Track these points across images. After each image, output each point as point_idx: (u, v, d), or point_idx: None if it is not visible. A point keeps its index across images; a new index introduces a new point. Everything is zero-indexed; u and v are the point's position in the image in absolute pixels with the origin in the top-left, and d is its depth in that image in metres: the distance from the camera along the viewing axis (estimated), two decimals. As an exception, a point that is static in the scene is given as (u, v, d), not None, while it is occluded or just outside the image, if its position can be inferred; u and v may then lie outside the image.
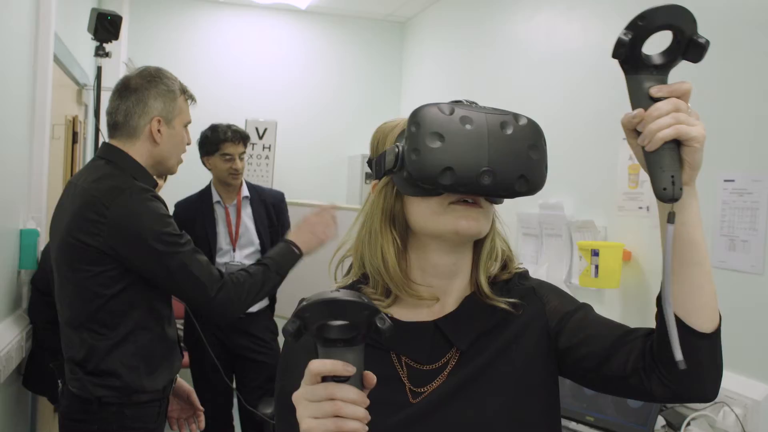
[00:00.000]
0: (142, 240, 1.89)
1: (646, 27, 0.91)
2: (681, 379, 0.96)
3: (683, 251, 0.95)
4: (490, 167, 0.97)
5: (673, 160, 0.91)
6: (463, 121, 0.99)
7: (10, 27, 2.34)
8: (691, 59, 0.92)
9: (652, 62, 0.92)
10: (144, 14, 5.30)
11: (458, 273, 1.10)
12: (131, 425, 1.96)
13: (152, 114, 2.02)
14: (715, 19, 2.46)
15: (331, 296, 0.80)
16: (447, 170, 0.97)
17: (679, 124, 0.90)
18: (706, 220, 2.38)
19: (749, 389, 2.18)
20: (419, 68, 5.55)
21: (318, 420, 0.81)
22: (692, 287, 0.95)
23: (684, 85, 0.92)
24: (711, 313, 0.95)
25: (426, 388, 1.05)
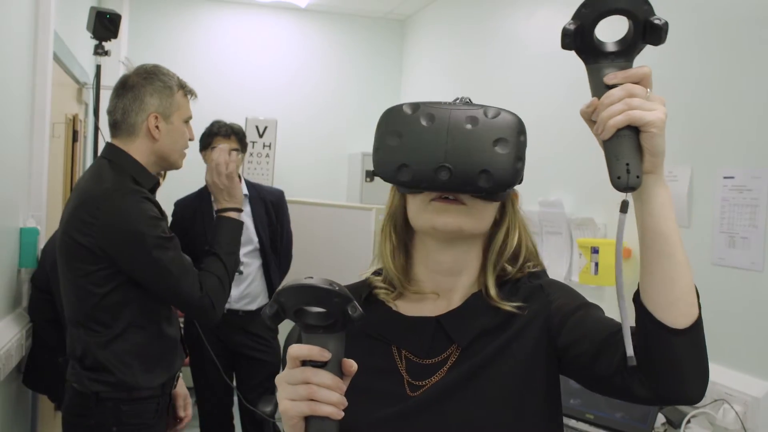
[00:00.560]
0: (131, 241, 1.93)
1: (591, 14, 0.88)
2: (660, 379, 0.92)
3: (652, 243, 0.91)
4: (447, 163, 0.97)
5: (628, 148, 0.87)
6: (424, 118, 0.99)
7: (10, 25, 2.34)
8: (651, 42, 0.88)
9: (607, 49, 0.90)
10: (143, 12, 5.30)
11: (463, 270, 1.11)
12: (128, 421, 1.99)
13: (149, 111, 2.04)
14: (716, 16, 2.45)
15: (304, 282, 0.83)
16: (403, 167, 0.99)
17: (631, 110, 0.86)
18: (706, 217, 2.39)
19: (749, 386, 2.18)
20: (419, 66, 5.55)
21: (294, 402, 0.84)
22: (663, 281, 0.91)
23: (640, 69, 0.89)
24: (685, 308, 0.91)
25: (425, 382, 1.05)
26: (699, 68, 2.52)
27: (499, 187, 0.98)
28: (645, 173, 0.89)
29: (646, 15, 0.87)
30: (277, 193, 3.63)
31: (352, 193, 5.55)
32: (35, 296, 2.54)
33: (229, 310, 3.36)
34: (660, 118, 0.87)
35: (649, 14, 0.87)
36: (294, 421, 0.85)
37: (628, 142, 0.87)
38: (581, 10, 0.88)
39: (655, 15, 0.87)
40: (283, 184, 4.91)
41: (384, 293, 1.14)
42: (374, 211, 4.04)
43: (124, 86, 2.06)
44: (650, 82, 0.89)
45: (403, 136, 1.00)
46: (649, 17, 0.87)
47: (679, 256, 0.90)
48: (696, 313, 0.92)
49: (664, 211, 0.90)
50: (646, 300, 0.92)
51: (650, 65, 3.00)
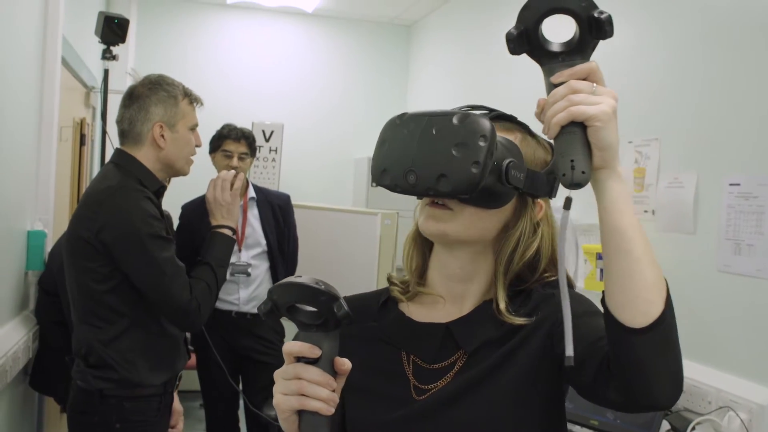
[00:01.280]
0: (129, 236, 1.97)
1: (532, 16, 0.88)
2: (626, 383, 0.89)
3: (608, 239, 0.89)
4: (414, 167, 0.98)
5: (573, 144, 0.85)
6: (406, 126, 1.02)
7: (19, 29, 2.36)
8: (600, 37, 0.87)
9: (556, 50, 0.89)
10: (151, 17, 5.33)
11: (473, 277, 1.11)
12: (131, 418, 2.02)
13: (154, 120, 2.11)
14: (720, 22, 2.46)
15: (292, 280, 0.86)
16: (384, 171, 1.03)
17: (573, 105, 0.85)
18: (712, 224, 2.39)
19: (755, 394, 2.17)
20: (425, 71, 5.55)
21: (285, 396, 0.87)
22: (620, 278, 0.87)
23: (586, 65, 0.88)
24: (644, 306, 0.86)
25: (431, 386, 1.06)
26: (704, 75, 2.52)
27: (458, 192, 0.97)
28: (596, 168, 0.87)
29: (587, 11, 0.85)
30: (284, 197, 3.64)
31: (357, 198, 5.56)
32: (42, 299, 2.55)
33: (238, 312, 3.37)
34: (603, 110, 0.84)
35: (590, 10, 0.86)
36: (286, 415, 0.88)
37: (573, 138, 0.85)
38: (522, 13, 0.89)
39: (596, 9, 0.85)
40: (289, 188, 4.92)
41: (398, 291, 1.16)
42: (380, 215, 4.04)
43: (131, 97, 2.13)
44: (599, 77, 0.88)
45: (387, 142, 1.04)
46: (591, 13, 0.85)
47: (637, 252, 0.87)
48: (657, 311, 0.86)
49: (618, 205, 0.88)
50: (607, 299, 0.89)
51: (657, 73, 3.01)
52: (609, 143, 0.85)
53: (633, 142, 2.85)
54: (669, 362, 0.88)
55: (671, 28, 2.72)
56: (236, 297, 3.37)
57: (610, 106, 0.85)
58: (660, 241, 2.67)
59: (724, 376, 2.31)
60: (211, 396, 3.45)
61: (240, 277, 3.36)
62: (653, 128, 2.76)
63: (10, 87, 2.24)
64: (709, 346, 2.41)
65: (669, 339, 0.88)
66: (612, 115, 0.85)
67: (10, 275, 2.34)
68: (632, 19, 2.97)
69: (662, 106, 2.72)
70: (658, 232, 2.68)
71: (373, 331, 1.14)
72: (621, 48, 3.04)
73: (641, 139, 2.81)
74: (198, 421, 4.27)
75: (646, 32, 2.87)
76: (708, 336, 2.42)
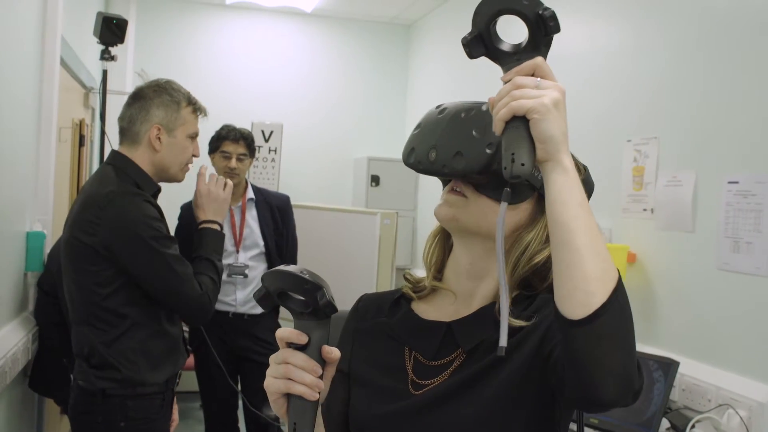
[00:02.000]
0: (134, 240, 2.00)
1: (482, 20, 0.91)
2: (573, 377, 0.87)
3: (553, 231, 0.88)
4: (437, 144, 1.05)
5: (515, 138, 0.86)
6: (440, 112, 1.09)
7: (18, 30, 2.36)
8: (549, 33, 0.89)
9: (507, 49, 0.92)
10: (150, 18, 5.33)
11: (483, 276, 1.11)
12: (134, 416, 2.05)
13: (153, 122, 2.13)
14: (719, 21, 2.46)
15: (279, 268, 0.90)
16: (412, 151, 1.10)
17: (513, 100, 0.86)
18: (711, 222, 2.39)
19: (754, 391, 2.17)
20: (425, 71, 5.56)
21: (274, 379, 0.92)
22: (561, 269, 0.86)
23: (531, 61, 0.89)
24: (583, 298, 0.84)
25: (428, 382, 1.08)
26: (703, 74, 2.52)
27: (471, 170, 1.02)
28: (541, 161, 0.87)
29: (531, 10, 0.88)
30: (283, 198, 3.63)
31: (357, 198, 5.56)
32: (41, 300, 2.55)
33: (234, 313, 3.37)
34: (541, 103, 0.85)
35: (534, 8, 0.88)
36: (274, 397, 0.92)
37: (516, 132, 0.87)
38: (474, 18, 0.92)
39: (541, 7, 0.88)
40: (288, 188, 4.93)
41: (409, 288, 1.20)
42: (379, 215, 4.04)
43: (135, 96, 2.16)
44: (545, 72, 0.88)
45: (420, 126, 1.12)
46: (536, 10, 0.88)
47: (578, 243, 0.85)
48: (597, 303, 0.83)
49: (561, 197, 0.86)
50: (555, 293, 0.88)
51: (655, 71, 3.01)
52: (550, 135, 0.86)
53: (632, 140, 2.85)
54: (611, 357, 0.84)
55: (670, 27, 2.72)
56: (233, 298, 3.37)
57: (551, 99, 0.86)
58: (659, 239, 2.68)
59: (724, 373, 2.31)
60: (210, 397, 3.45)
61: (237, 279, 3.36)
62: (652, 127, 2.76)
63: (9, 88, 2.24)
64: (708, 343, 2.41)
65: (612, 332, 0.84)
66: (551, 107, 0.85)
67: (9, 276, 2.34)
68: (631, 18, 2.98)
69: (661, 105, 2.73)
70: (657, 230, 2.69)
71: (383, 326, 1.18)
72: (620, 47, 3.04)
73: (640, 137, 2.81)
74: (197, 422, 4.27)
75: (645, 31, 2.88)
76: (707, 334, 2.42)
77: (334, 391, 1.05)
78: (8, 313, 2.32)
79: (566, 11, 3.51)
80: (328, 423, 1.11)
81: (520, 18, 0.89)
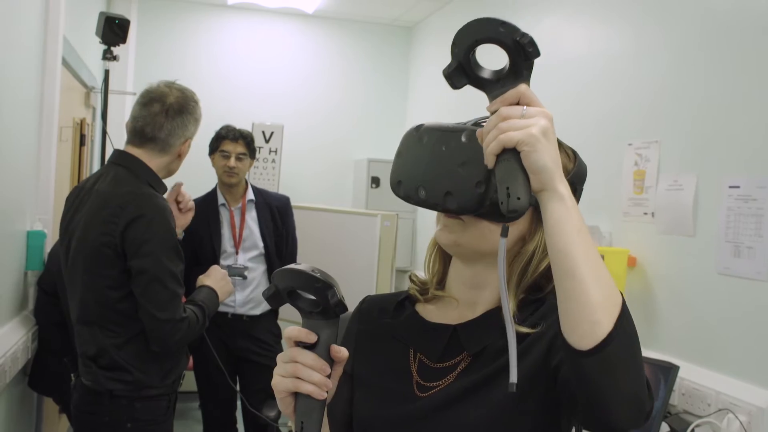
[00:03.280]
0: (147, 243, 2.00)
1: (460, 50, 0.90)
2: (586, 405, 0.88)
3: (554, 261, 0.87)
4: (424, 183, 1.01)
5: (507, 171, 0.84)
6: (419, 138, 1.04)
7: (20, 30, 2.36)
8: (528, 59, 0.87)
9: (489, 77, 0.90)
10: (152, 18, 5.33)
11: (486, 286, 1.12)
12: (141, 417, 2.06)
13: (187, 136, 2.20)
14: (720, 24, 2.46)
15: (291, 266, 0.90)
16: (399, 183, 1.06)
17: (501, 133, 0.84)
18: (711, 226, 2.39)
19: (754, 396, 2.17)
20: (426, 73, 5.56)
21: (282, 378, 0.91)
22: (565, 300, 0.86)
23: (515, 89, 0.87)
24: (589, 328, 0.83)
25: (433, 384, 1.08)
26: (704, 77, 2.52)
27: (465, 210, 0.98)
28: (536, 191, 0.86)
29: (508, 37, 0.86)
30: (283, 200, 3.63)
31: (357, 199, 5.56)
32: (41, 299, 2.55)
33: (234, 314, 3.37)
34: (529, 134, 0.83)
35: (512, 35, 0.85)
36: (282, 396, 0.92)
37: (507, 165, 0.85)
38: (452, 49, 0.91)
39: (517, 33, 0.85)
40: (288, 189, 4.93)
41: (415, 290, 1.20)
42: (379, 217, 4.04)
43: (174, 111, 2.15)
44: (530, 99, 0.86)
45: (403, 156, 1.06)
46: (514, 38, 0.85)
47: (580, 272, 0.84)
48: (604, 332, 0.83)
49: (560, 226, 0.86)
50: (560, 321, 0.87)
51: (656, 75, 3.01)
52: (542, 165, 0.84)
53: (633, 144, 2.86)
54: (622, 384, 0.84)
55: (671, 30, 2.72)
56: (232, 299, 3.37)
57: (539, 128, 0.84)
58: (659, 243, 2.68)
59: (724, 378, 2.31)
60: (209, 397, 3.44)
61: (236, 280, 3.36)
62: (653, 130, 2.76)
63: (11, 87, 2.24)
64: (708, 348, 2.41)
65: (619, 360, 0.84)
66: (540, 136, 0.83)
67: (9, 275, 2.34)
68: (632, 22, 2.98)
69: (662, 109, 2.73)
70: (657, 234, 2.69)
71: (387, 328, 1.18)
72: (621, 50, 3.04)
73: (641, 141, 2.81)
74: (196, 422, 4.27)
75: (646, 35, 2.88)
76: (707, 338, 2.42)
77: (338, 392, 1.04)
78: (8, 311, 2.32)
79: (567, 14, 3.51)
80: (332, 423, 1.11)
81: (498, 46, 0.87)
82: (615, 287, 0.86)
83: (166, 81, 2.21)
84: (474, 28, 0.88)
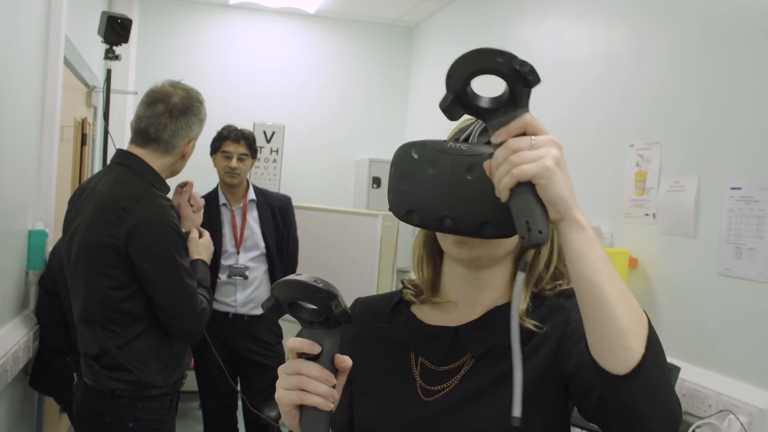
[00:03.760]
0: (155, 245, 2.00)
1: (457, 82, 0.87)
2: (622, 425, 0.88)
3: (578, 288, 0.86)
4: (449, 212, 0.96)
5: (525, 204, 0.83)
6: (429, 165, 0.98)
7: (21, 29, 2.36)
8: (528, 86, 0.84)
9: (488, 106, 0.87)
10: (153, 18, 5.33)
11: (487, 286, 1.11)
12: (144, 417, 2.06)
13: (191, 136, 2.19)
14: (722, 26, 2.46)
15: (292, 277, 0.88)
16: (411, 211, 1.00)
17: (514, 167, 0.82)
18: (713, 227, 2.39)
19: (755, 397, 2.17)
20: (427, 73, 5.56)
21: (286, 391, 0.90)
22: (595, 326, 0.85)
23: (521, 120, 0.84)
24: (623, 353, 0.84)
25: (439, 387, 1.07)
26: (706, 79, 2.52)
27: (505, 235, 0.96)
28: (554, 221, 0.85)
29: (506, 66, 0.82)
30: (284, 200, 3.63)
31: (358, 200, 5.56)
32: (43, 298, 2.55)
33: (235, 314, 3.37)
34: (544, 166, 0.81)
35: (510, 64, 0.82)
36: (287, 409, 0.91)
37: (524, 198, 0.83)
38: (448, 81, 0.87)
39: (516, 62, 0.82)
40: (289, 189, 4.93)
41: (410, 294, 1.18)
42: (380, 217, 4.04)
43: (178, 111, 2.14)
44: (536, 127, 0.84)
45: (410, 181, 1.00)
46: (512, 66, 0.82)
47: (608, 299, 0.84)
48: (638, 356, 0.84)
49: (582, 255, 0.85)
50: (589, 345, 0.88)
51: (658, 76, 3.00)
52: (559, 196, 0.83)
53: (634, 145, 2.86)
54: (658, 403, 0.85)
55: (673, 31, 2.72)
56: (233, 299, 3.37)
57: (552, 159, 0.82)
58: (661, 244, 2.68)
59: (725, 379, 2.31)
60: (209, 397, 3.45)
61: (237, 280, 3.36)
62: (655, 131, 2.76)
63: (12, 86, 2.24)
64: (709, 349, 2.41)
65: (654, 381, 0.85)
66: (554, 167, 0.82)
67: (11, 275, 2.34)
68: (634, 22, 2.98)
69: (664, 110, 2.73)
70: (658, 235, 2.69)
71: (384, 332, 1.16)
72: (623, 51, 3.04)
73: (643, 142, 2.81)
74: (197, 422, 4.27)
75: (647, 35, 2.88)
76: (708, 339, 2.42)
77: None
78: (10, 311, 2.32)
79: (568, 15, 3.51)
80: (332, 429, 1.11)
81: (496, 75, 0.84)
82: (640, 308, 0.86)
83: (171, 81, 2.20)
84: (470, 60, 0.85)
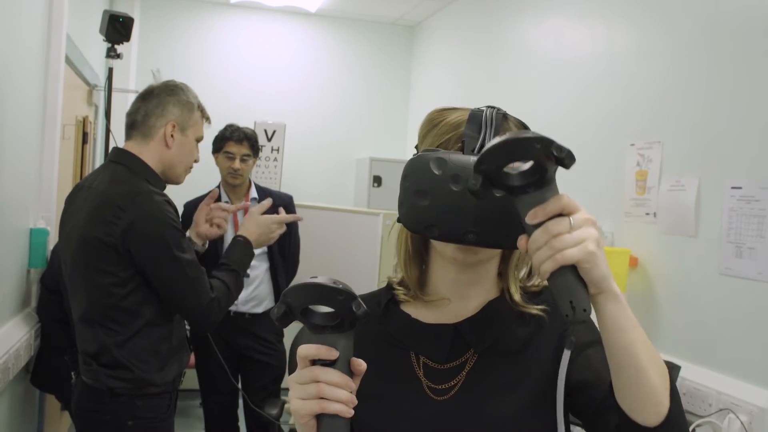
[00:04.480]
0: (154, 240, 2.00)
1: (490, 168, 0.84)
2: None
3: (612, 354, 0.91)
4: (476, 228, 0.95)
5: (567, 285, 0.83)
6: (452, 179, 0.96)
7: (23, 28, 2.36)
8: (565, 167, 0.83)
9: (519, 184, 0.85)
10: (155, 16, 5.33)
11: (478, 281, 1.11)
12: (143, 415, 2.05)
13: (169, 118, 2.14)
14: (723, 25, 2.46)
15: (309, 281, 0.83)
16: (431, 226, 0.97)
17: (557, 253, 0.83)
18: (714, 227, 2.40)
19: (755, 396, 2.17)
20: (428, 72, 5.56)
21: (304, 401, 0.85)
22: (630, 387, 0.91)
23: (558, 202, 0.84)
24: (654, 408, 0.91)
25: (445, 386, 1.07)
26: (707, 78, 2.52)
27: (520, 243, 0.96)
28: (593, 295, 0.86)
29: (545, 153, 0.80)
30: (286, 198, 3.63)
31: (359, 198, 5.56)
32: (44, 296, 2.55)
33: (236, 312, 3.37)
34: (587, 251, 0.82)
35: (548, 149, 0.80)
36: (305, 420, 0.86)
37: (566, 279, 0.84)
38: (478, 166, 0.84)
39: (553, 146, 0.80)
40: (290, 188, 4.93)
41: (402, 293, 1.16)
42: (381, 216, 4.04)
43: (150, 94, 2.16)
44: (573, 207, 0.84)
45: (430, 197, 0.97)
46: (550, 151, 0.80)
47: (642, 363, 0.89)
48: (665, 410, 0.91)
49: (618, 324, 0.88)
50: (619, 400, 0.93)
51: (659, 76, 3.01)
52: (601, 276, 0.85)
53: (635, 144, 2.86)
54: None
55: (674, 31, 2.72)
56: (235, 298, 3.38)
57: (593, 241, 0.83)
58: (661, 243, 2.68)
59: (725, 378, 2.31)
60: (210, 395, 3.45)
61: None
62: (655, 131, 2.77)
63: (14, 85, 2.25)
64: (709, 348, 2.41)
65: (681, 425, 0.93)
66: (596, 250, 0.83)
67: (12, 273, 2.35)
68: (635, 22, 2.98)
69: (665, 109, 2.73)
70: (659, 235, 2.69)
71: (378, 333, 1.14)
72: (624, 51, 3.04)
73: (643, 141, 2.81)
74: (198, 420, 4.28)
75: (649, 35, 2.88)
76: (709, 338, 2.42)
77: None
78: (11, 309, 2.33)
79: (569, 15, 3.51)
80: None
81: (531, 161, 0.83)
82: (662, 361, 0.93)
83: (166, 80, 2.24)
84: (506, 149, 0.81)
